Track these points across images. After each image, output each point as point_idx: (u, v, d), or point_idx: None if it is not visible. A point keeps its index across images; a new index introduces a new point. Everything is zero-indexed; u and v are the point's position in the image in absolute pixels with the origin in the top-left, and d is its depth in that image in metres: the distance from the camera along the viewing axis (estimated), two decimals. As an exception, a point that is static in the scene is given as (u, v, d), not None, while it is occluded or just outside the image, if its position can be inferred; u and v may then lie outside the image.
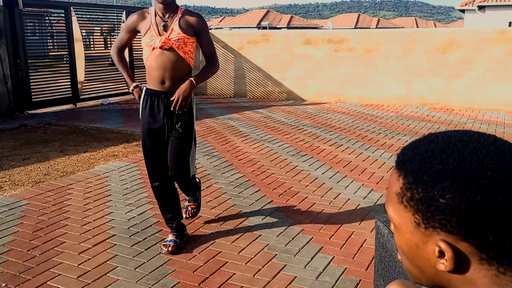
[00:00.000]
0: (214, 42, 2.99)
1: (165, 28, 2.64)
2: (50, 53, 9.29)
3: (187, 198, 3.13)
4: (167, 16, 2.67)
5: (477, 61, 7.79)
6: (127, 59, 11.24)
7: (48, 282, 2.48)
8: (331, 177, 4.27)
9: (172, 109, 2.65)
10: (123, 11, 9.27)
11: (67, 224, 3.23)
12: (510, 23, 17.59)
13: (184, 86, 2.65)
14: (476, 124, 6.61)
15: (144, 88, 2.74)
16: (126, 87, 3.62)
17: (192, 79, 2.70)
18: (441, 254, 0.60)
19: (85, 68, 8.66)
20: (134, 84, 2.78)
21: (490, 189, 0.57)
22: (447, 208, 0.58)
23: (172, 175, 2.82)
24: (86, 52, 8.80)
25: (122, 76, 2.85)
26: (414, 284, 1.11)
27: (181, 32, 2.63)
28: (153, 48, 2.62)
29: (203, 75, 2.79)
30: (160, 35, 2.62)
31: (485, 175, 0.57)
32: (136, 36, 2.90)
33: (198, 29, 2.72)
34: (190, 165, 2.82)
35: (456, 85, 8.02)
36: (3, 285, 2.46)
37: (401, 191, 0.63)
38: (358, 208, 3.52)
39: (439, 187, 0.58)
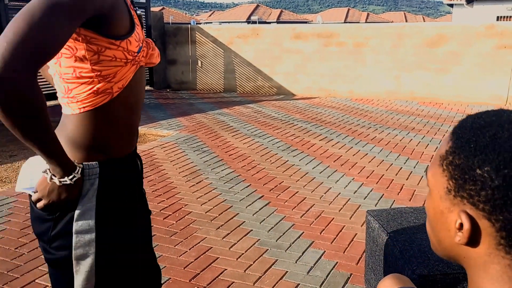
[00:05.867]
0: (204, 37, 2.22)
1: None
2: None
3: None
4: None
5: (466, 55, 7.85)
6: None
7: (36, 280, 2.45)
8: (322, 171, 4.28)
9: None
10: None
11: (55, 221, 3.19)
12: (498, 17, 17.73)
13: None
14: (464, 118, 6.66)
15: (96, 167, 1.14)
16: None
17: None
18: (461, 226, 0.60)
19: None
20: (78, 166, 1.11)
21: None
22: (480, 180, 0.57)
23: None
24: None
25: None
26: (408, 278, 1.11)
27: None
28: (136, 66, 1.16)
29: None
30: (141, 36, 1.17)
31: None
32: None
33: None
34: None
35: (445, 79, 8.07)
36: (-9, 283, 2.43)
37: (445, 154, 0.63)
38: (348, 202, 3.53)
39: (481, 157, 0.58)
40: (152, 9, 10.21)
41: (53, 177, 1.07)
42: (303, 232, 3.02)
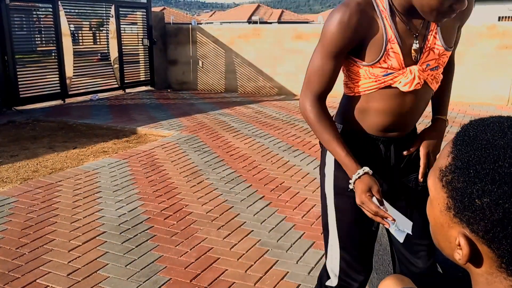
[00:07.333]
0: (205, 38, 2.33)
1: (419, 43, 1.37)
2: (38, 48, 9.17)
3: None
4: (417, 16, 1.33)
5: (467, 55, 7.83)
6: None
7: (37, 280, 2.45)
8: (323, 172, 4.27)
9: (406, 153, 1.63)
10: (112, 5, 9.17)
11: (56, 222, 3.19)
12: (499, 17, 17.72)
13: (436, 141, 1.67)
14: (465, 119, 6.65)
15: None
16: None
17: (444, 118, 1.72)
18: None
19: (74, 63, 8.57)
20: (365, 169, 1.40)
21: None
22: (479, 210, 0.54)
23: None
24: (74, 47, 8.70)
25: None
26: (409, 279, 1.10)
27: (443, 48, 1.42)
28: (387, 87, 1.40)
29: (447, 102, 1.74)
30: (405, 64, 1.36)
31: None
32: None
33: (463, 21, 1.57)
34: None
35: (446, 80, 8.05)
36: (-9, 284, 2.43)
37: (445, 169, 0.60)
38: (349, 202, 3.52)
39: (481, 187, 0.54)
40: (153, 9, 10.21)
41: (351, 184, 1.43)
42: (304, 232, 3.02)
